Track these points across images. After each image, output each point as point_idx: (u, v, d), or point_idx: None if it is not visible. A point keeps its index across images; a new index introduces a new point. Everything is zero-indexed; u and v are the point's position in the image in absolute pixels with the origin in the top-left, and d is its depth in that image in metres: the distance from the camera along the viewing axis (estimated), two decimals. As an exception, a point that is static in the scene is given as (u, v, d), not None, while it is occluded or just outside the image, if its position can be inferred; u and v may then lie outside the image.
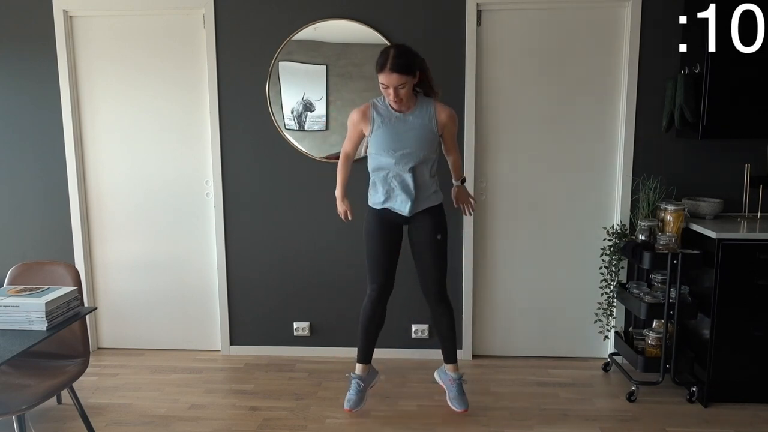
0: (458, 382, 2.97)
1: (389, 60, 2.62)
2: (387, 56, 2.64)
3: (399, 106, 2.73)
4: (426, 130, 2.77)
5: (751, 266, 2.91)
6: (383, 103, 2.80)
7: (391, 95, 2.66)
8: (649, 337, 3.16)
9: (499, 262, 3.58)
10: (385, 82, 2.65)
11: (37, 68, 3.57)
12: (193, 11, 3.49)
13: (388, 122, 2.77)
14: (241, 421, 2.92)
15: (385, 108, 2.79)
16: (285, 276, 3.65)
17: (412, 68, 2.66)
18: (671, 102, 3.19)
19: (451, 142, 2.90)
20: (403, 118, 2.77)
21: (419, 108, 2.78)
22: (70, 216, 3.68)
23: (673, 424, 2.87)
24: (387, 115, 2.77)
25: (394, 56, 2.62)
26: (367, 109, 2.82)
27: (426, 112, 2.78)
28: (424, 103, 2.80)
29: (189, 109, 3.59)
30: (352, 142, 2.92)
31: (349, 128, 2.90)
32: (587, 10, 3.35)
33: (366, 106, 2.83)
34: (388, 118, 2.77)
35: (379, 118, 2.78)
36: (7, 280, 2.68)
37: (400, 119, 2.77)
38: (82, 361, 2.57)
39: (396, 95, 2.66)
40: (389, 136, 2.75)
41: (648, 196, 3.24)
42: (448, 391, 2.99)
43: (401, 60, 2.62)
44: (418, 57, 2.73)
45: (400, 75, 2.61)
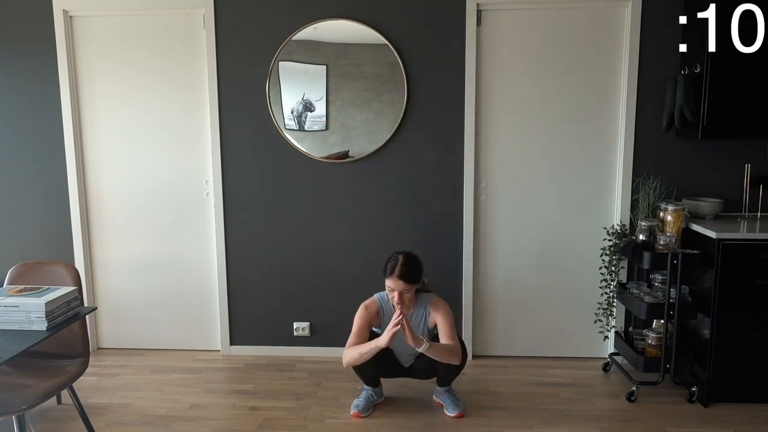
0: (450, 391, 3.02)
1: (398, 267, 2.78)
2: (396, 262, 2.80)
3: (402, 309, 2.81)
4: (422, 332, 2.89)
5: (751, 266, 2.91)
6: (389, 306, 2.92)
7: (396, 299, 2.80)
8: (649, 337, 3.16)
9: (499, 261, 3.58)
10: (392, 287, 2.80)
11: (37, 68, 3.57)
12: (193, 11, 3.49)
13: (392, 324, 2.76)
14: (241, 421, 2.92)
15: (390, 311, 2.90)
16: (285, 276, 3.65)
17: (418, 277, 2.84)
18: (671, 102, 3.19)
19: (445, 334, 2.85)
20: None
21: (417, 310, 2.92)
22: (70, 216, 3.68)
23: (673, 424, 2.87)
24: (389, 319, 2.83)
25: (402, 263, 2.79)
26: (375, 309, 2.93)
27: (422, 314, 2.91)
28: (423, 302, 2.92)
29: (189, 109, 3.59)
30: (361, 338, 2.89)
31: (357, 322, 2.92)
32: (587, 10, 3.35)
33: (373, 304, 2.94)
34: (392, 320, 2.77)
35: (383, 322, 2.91)
36: (7, 280, 2.68)
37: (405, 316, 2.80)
38: (82, 361, 2.57)
39: (400, 299, 2.79)
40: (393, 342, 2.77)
41: (648, 196, 3.24)
42: (443, 402, 3.02)
43: (409, 268, 2.79)
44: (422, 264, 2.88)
45: (407, 283, 2.77)
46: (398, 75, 3.40)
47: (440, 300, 2.93)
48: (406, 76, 3.40)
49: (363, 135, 3.46)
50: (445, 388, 3.02)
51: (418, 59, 3.40)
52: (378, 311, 2.94)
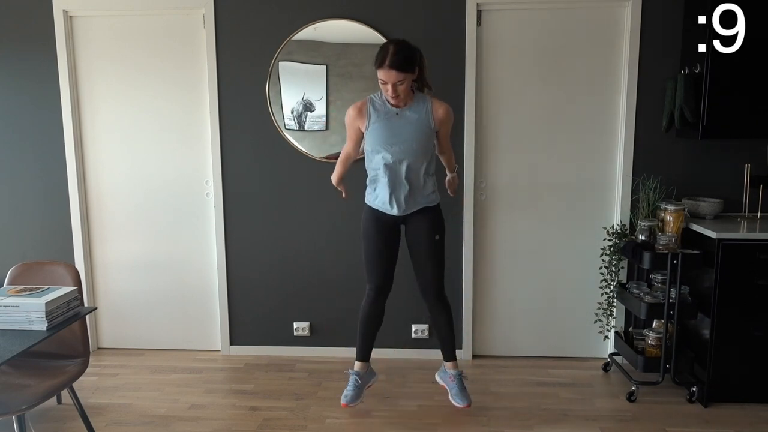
0: (459, 378, 2.96)
1: (388, 56, 2.59)
2: (386, 52, 2.62)
3: (397, 102, 2.72)
4: (422, 125, 2.75)
5: (751, 266, 2.91)
6: (380, 99, 2.78)
7: (389, 91, 2.65)
8: (649, 337, 3.16)
9: (499, 261, 3.58)
10: (383, 78, 2.63)
11: (37, 68, 3.57)
12: (193, 11, 3.49)
13: (384, 117, 2.75)
14: (241, 421, 2.92)
15: (382, 103, 2.77)
16: (285, 276, 3.65)
17: (411, 65, 2.64)
18: (671, 102, 3.19)
19: (445, 139, 2.89)
20: (399, 113, 2.75)
21: (416, 103, 2.76)
22: (70, 216, 3.68)
23: (673, 424, 2.87)
24: (383, 111, 2.75)
25: (393, 52, 2.60)
26: (363, 104, 2.79)
27: (423, 108, 2.76)
28: (421, 99, 2.78)
29: (189, 109, 3.59)
30: (353, 142, 2.88)
31: (347, 127, 2.87)
32: (587, 10, 3.35)
33: (362, 102, 2.80)
34: (385, 114, 2.75)
35: (376, 113, 2.76)
36: (7, 280, 2.68)
37: (397, 115, 2.75)
38: (82, 361, 2.57)
39: (394, 91, 2.64)
40: (385, 131, 2.73)
41: (648, 196, 3.24)
42: (450, 388, 2.98)
43: (401, 56, 2.60)
44: (418, 52, 2.71)
45: (399, 72, 2.59)
46: (398, 75, 3.39)
47: (441, 101, 2.80)
48: (406, 76, 3.40)
49: (363, 135, 3.46)
50: (455, 372, 2.96)
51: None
52: (368, 109, 2.76)
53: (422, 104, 2.77)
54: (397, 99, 2.69)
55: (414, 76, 2.69)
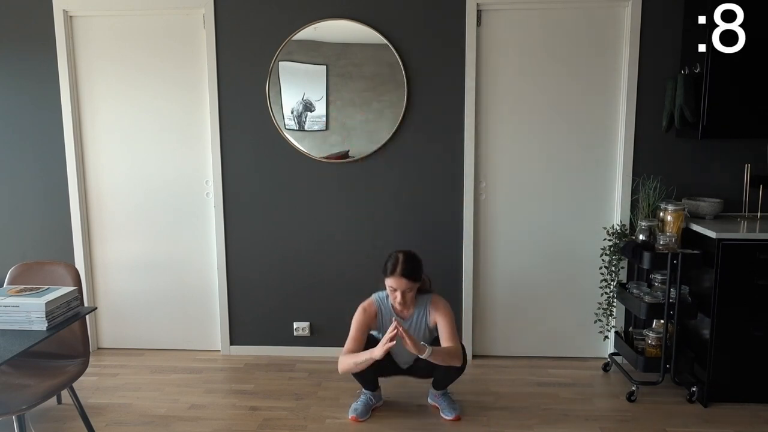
0: (445, 394, 2.99)
1: (399, 264, 2.75)
2: (396, 261, 2.77)
3: (403, 308, 2.84)
4: (422, 332, 2.88)
5: (751, 266, 2.91)
6: (386, 306, 2.89)
7: (398, 298, 2.78)
8: (649, 337, 3.16)
9: (499, 261, 3.58)
10: (394, 286, 2.76)
11: (37, 68, 3.57)
12: (193, 11, 3.49)
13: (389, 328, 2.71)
14: (241, 421, 2.92)
15: (389, 312, 2.88)
16: (285, 276, 3.65)
17: (419, 273, 2.80)
18: (671, 102, 3.19)
19: (445, 334, 2.80)
20: (403, 323, 2.83)
21: (417, 310, 2.89)
22: (70, 216, 3.68)
23: (673, 424, 2.87)
24: (388, 321, 2.83)
25: (403, 261, 2.76)
26: (371, 306, 2.88)
27: (422, 315, 2.88)
28: (422, 304, 2.89)
29: (189, 109, 3.59)
30: (358, 342, 2.83)
31: (356, 328, 2.85)
32: (587, 10, 3.35)
33: (372, 308, 2.88)
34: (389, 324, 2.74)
35: (382, 324, 2.88)
36: (7, 280, 2.68)
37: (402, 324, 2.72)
38: (82, 361, 2.57)
39: (403, 298, 2.78)
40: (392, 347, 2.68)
41: (648, 196, 3.24)
42: (439, 404, 3.00)
43: (410, 265, 2.76)
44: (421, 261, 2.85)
45: (409, 280, 2.74)
46: (398, 75, 3.40)
47: (440, 298, 2.91)
48: (406, 76, 3.40)
49: (363, 135, 3.46)
50: (441, 392, 3.00)
51: (418, 59, 3.40)
52: (376, 313, 2.89)
53: (422, 309, 2.88)
54: (404, 305, 2.82)
55: (420, 284, 2.83)
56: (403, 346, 2.66)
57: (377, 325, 2.91)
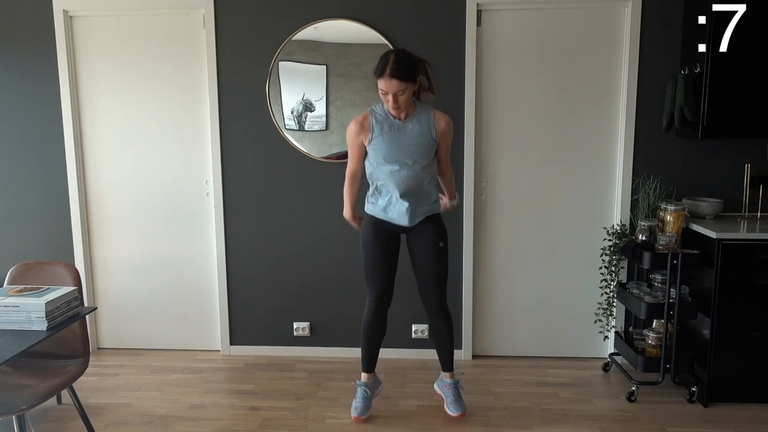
0: (455, 387, 2.95)
1: (389, 65, 2.56)
2: (387, 61, 2.58)
3: (398, 113, 2.68)
4: (425, 138, 2.71)
5: (751, 266, 2.91)
6: (382, 110, 2.73)
7: (390, 102, 2.61)
8: (649, 337, 3.16)
9: (498, 261, 3.58)
10: (384, 88, 2.59)
11: (37, 68, 3.57)
12: (193, 11, 3.49)
13: (387, 130, 2.70)
14: (241, 421, 2.92)
15: (384, 115, 2.72)
16: (285, 276, 3.65)
17: (412, 74, 2.60)
18: (671, 102, 3.20)
19: (445, 153, 2.81)
20: (402, 126, 2.71)
21: (418, 115, 2.72)
22: (70, 216, 3.68)
23: (673, 424, 2.87)
24: (386, 123, 2.71)
25: (393, 61, 2.57)
26: (365, 118, 2.74)
27: (425, 120, 2.72)
28: (423, 110, 2.74)
29: (189, 109, 3.59)
30: (357, 159, 2.79)
31: (350, 144, 2.79)
32: (587, 10, 3.35)
33: (364, 116, 2.75)
34: (388, 126, 2.70)
35: (378, 126, 2.71)
36: (7, 280, 2.68)
37: (399, 127, 2.70)
38: (82, 361, 2.57)
39: (395, 102, 2.60)
40: (388, 145, 2.69)
41: (648, 196, 3.24)
42: (446, 396, 2.97)
43: (401, 65, 2.56)
44: (420, 62, 2.68)
45: (400, 81, 2.55)
46: (398, 75, 3.39)
47: (444, 114, 2.76)
48: (406, 76, 3.39)
49: (363, 135, 3.46)
50: (451, 381, 2.95)
51: (418, 59, 3.40)
52: (370, 122, 2.70)
53: (424, 116, 2.73)
54: (398, 110, 2.65)
55: (415, 86, 2.65)
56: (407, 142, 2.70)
57: (369, 125, 2.72)
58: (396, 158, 2.70)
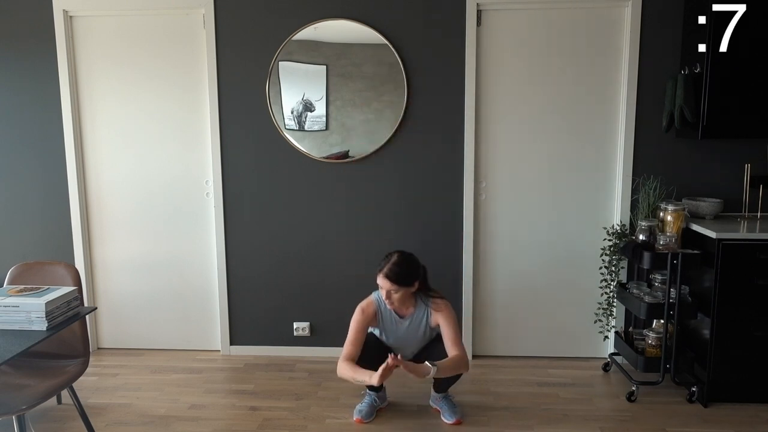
0: (447, 398, 2.97)
1: (387, 265, 2.73)
2: (388, 261, 2.75)
3: (392, 308, 2.84)
4: (423, 334, 2.89)
5: (751, 266, 2.91)
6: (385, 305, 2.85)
7: (383, 296, 2.77)
8: (649, 337, 3.16)
9: (499, 261, 3.58)
10: (380, 284, 2.76)
11: (37, 68, 3.57)
12: (193, 11, 3.49)
13: (389, 326, 2.89)
14: (241, 421, 2.92)
15: (387, 310, 2.87)
16: (285, 276, 3.65)
17: (407, 279, 2.75)
18: (671, 102, 3.20)
19: (449, 340, 2.77)
20: (402, 324, 2.87)
21: (416, 313, 2.87)
22: (70, 216, 3.68)
23: (673, 424, 2.87)
24: (389, 320, 2.88)
25: (393, 263, 2.73)
26: (370, 307, 2.87)
27: (422, 318, 2.87)
28: (421, 308, 2.87)
29: (189, 109, 3.59)
30: (357, 344, 2.80)
31: (355, 329, 2.82)
32: (587, 10, 3.35)
33: (371, 307, 2.87)
34: (390, 322, 2.88)
35: (383, 323, 2.89)
36: (7, 280, 2.68)
37: (400, 326, 2.88)
38: (82, 361, 2.57)
39: (388, 298, 2.76)
40: (390, 337, 2.90)
41: (648, 196, 3.24)
42: (440, 408, 2.98)
43: (398, 269, 2.72)
44: (420, 267, 2.82)
45: (392, 283, 2.71)
46: (398, 75, 3.40)
47: (442, 300, 2.87)
48: (406, 76, 3.40)
49: (363, 135, 3.46)
50: (442, 395, 2.99)
51: (418, 59, 3.40)
52: (375, 312, 2.88)
53: (422, 313, 2.87)
54: (391, 306, 2.81)
55: (412, 289, 2.79)
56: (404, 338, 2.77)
57: (377, 323, 2.91)
58: (397, 346, 2.90)
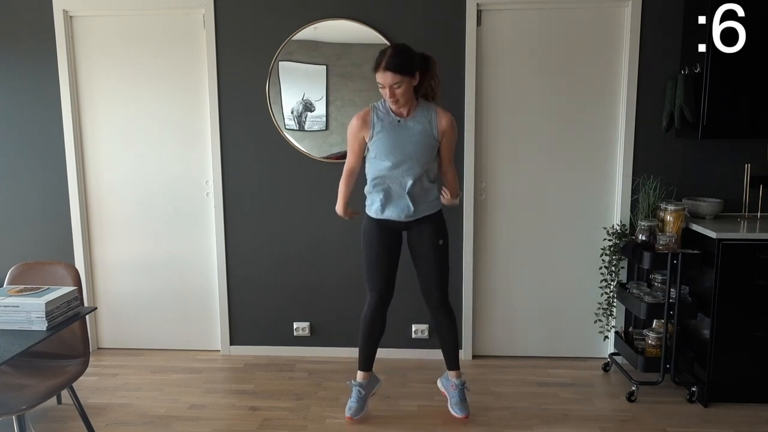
0: (461, 388, 2.93)
1: (385, 58, 2.58)
2: (384, 55, 2.60)
3: (396, 107, 2.68)
4: (426, 136, 2.71)
5: (751, 266, 2.91)
6: (384, 107, 2.73)
7: (387, 95, 2.62)
8: (649, 337, 3.16)
9: (499, 261, 3.58)
10: (380, 81, 2.61)
11: (37, 68, 3.57)
12: (193, 11, 3.49)
13: (388, 127, 2.70)
14: (241, 421, 2.92)
15: (386, 112, 2.72)
16: (285, 276, 3.65)
17: (409, 68, 2.60)
18: (671, 102, 3.20)
19: (447, 152, 2.79)
20: (403, 123, 2.70)
21: (420, 113, 2.72)
22: (70, 216, 3.68)
23: (673, 424, 2.87)
24: (387, 120, 2.71)
25: (390, 54, 2.59)
26: (367, 114, 2.73)
27: (427, 117, 2.71)
28: (425, 108, 2.73)
29: (189, 109, 3.59)
30: (356, 154, 2.79)
31: (350, 139, 2.78)
32: (587, 10, 3.35)
33: (366, 111, 2.75)
34: (389, 123, 2.70)
35: (380, 122, 2.71)
36: (7, 280, 2.68)
37: (401, 125, 2.70)
38: (82, 361, 2.57)
39: (392, 95, 2.60)
40: (389, 142, 2.69)
41: (648, 196, 3.24)
42: (450, 397, 2.96)
43: (397, 59, 2.57)
44: (420, 57, 2.68)
45: (395, 74, 2.56)
46: (398, 75, 3.39)
47: (447, 112, 2.76)
48: (406, 76, 3.39)
49: (363, 135, 3.46)
50: (458, 381, 2.92)
51: (418, 59, 3.40)
52: (372, 118, 2.71)
53: (426, 113, 2.72)
54: (396, 104, 2.65)
55: (414, 80, 2.64)
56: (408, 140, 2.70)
57: (371, 121, 2.72)
58: (396, 155, 2.70)
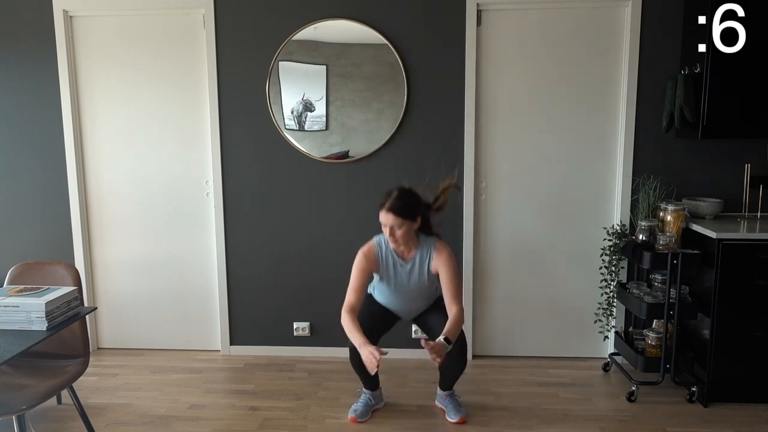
0: (451, 396, 2.97)
1: (390, 200, 2.66)
2: (389, 196, 2.69)
3: (395, 247, 2.76)
4: (422, 276, 2.80)
5: (751, 266, 2.91)
6: (387, 247, 2.80)
7: (387, 233, 2.70)
8: (649, 337, 3.16)
9: (498, 261, 3.58)
10: (382, 221, 2.69)
11: (37, 68, 3.57)
12: (193, 11, 3.49)
13: (391, 267, 2.80)
14: (241, 421, 2.92)
15: (389, 254, 2.80)
16: (285, 276, 3.65)
17: (411, 212, 2.68)
18: (671, 102, 3.20)
19: (446, 287, 2.73)
20: (403, 265, 2.80)
21: (419, 252, 2.79)
22: (70, 216, 3.68)
23: (673, 424, 2.87)
24: (391, 261, 2.80)
25: (395, 197, 2.67)
26: (371, 251, 2.80)
27: (423, 256, 2.78)
28: (426, 245, 2.79)
29: (189, 109, 3.59)
30: (359, 292, 2.78)
31: (356, 275, 2.79)
32: (587, 10, 3.35)
33: (369, 248, 2.81)
34: (392, 264, 2.80)
35: (384, 266, 2.81)
36: (7, 280, 2.68)
37: (401, 267, 2.80)
38: (82, 361, 2.57)
39: (392, 234, 2.68)
40: (390, 283, 2.83)
41: (648, 196, 3.24)
42: (445, 407, 2.97)
43: (401, 202, 2.66)
44: (423, 201, 2.76)
45: (396, 216, 2.64)
46: (398, 75, 3.40)
47: (445, 245, 2.79)
48: (406, 76, 3.40)
49: (363, 135, 3.46)
50: (447, 393, 2.98)
51: (418, 59, 3.40)
52: (376, 256, 2.80)
53: (426, 250, 2.79)
54: (395, 243, 2.73)
55: (415, 224, 2.72)
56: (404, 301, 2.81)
57: (378, 267, 2.82)
58: (399, 294, 2.85)
